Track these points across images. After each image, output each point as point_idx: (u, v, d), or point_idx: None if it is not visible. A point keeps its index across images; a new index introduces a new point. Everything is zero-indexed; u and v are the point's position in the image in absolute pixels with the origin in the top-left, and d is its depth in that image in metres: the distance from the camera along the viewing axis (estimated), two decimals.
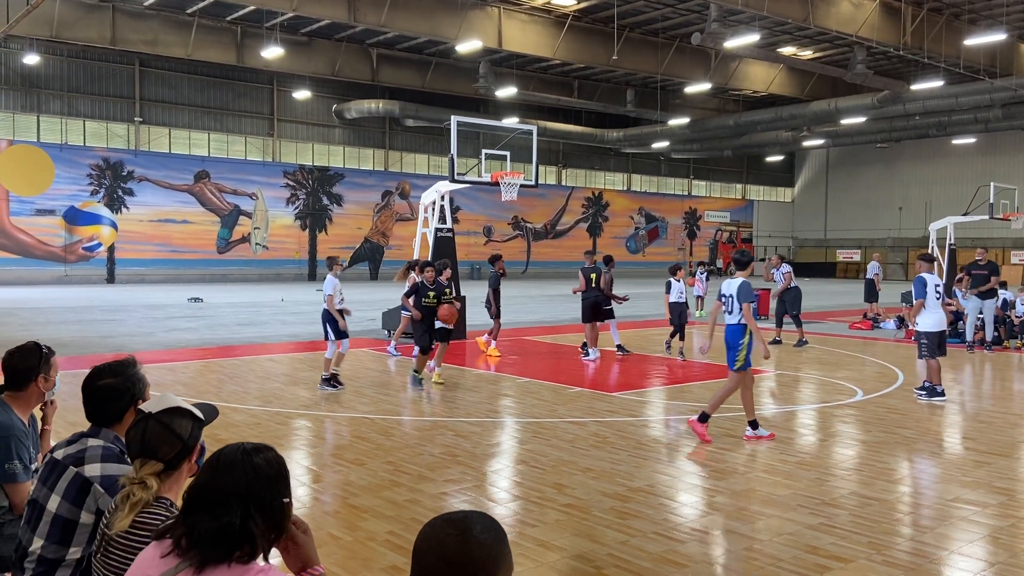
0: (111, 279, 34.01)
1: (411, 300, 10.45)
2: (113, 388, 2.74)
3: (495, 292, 13.54)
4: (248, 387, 10.04)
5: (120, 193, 34.34)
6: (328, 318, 10.17)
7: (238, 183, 37.40)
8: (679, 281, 13.23)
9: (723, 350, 7.87)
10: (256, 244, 38.14)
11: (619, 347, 13.51)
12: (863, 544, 4.83)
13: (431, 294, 10.34)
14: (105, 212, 33.95)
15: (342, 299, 10.37)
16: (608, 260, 13.82)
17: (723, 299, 7.79)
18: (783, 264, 15.82)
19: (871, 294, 20.01)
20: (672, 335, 13.24)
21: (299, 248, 39.30)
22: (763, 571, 4.43)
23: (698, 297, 21.86)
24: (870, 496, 5.84)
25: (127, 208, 34.49)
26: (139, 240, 34.66)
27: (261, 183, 38.03)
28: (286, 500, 1.90)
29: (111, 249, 34.16)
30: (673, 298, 13.13)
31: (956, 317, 16.12)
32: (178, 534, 1.81)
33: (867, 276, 20.91)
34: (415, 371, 10.29)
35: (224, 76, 36.39)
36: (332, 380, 9.98)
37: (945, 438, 7.88)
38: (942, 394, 9.59)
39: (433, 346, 10.44)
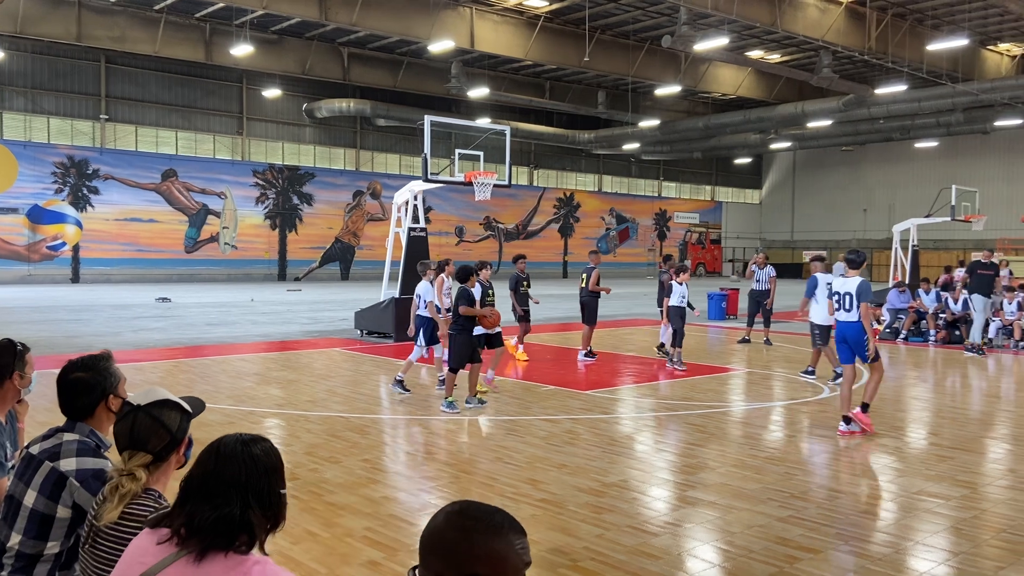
0: (76, 279, 33.44)
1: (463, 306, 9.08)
2: (84, 382, 2.73)
3: (515, 293, 12.82)
4: (220, 386, 9.97)
5: (85, 191, 33.77)
6: (424, 323, 9.93)
7: (206, 182, 36.98)
8: (682, 284, 12.44)
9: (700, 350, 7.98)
10: (225, 244, 37.74)
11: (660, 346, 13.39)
12: (831, 535, 4.95)
13: (492, 292, 9.44)
14: (70, 211, 33.38)
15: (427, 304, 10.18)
16: (667, 259, 13.55)
17: (835, 297, 8.02)
18: (768, 266, 15.69)
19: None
20: (675, 344, 12.14)
21: (269, 248, 38.96)
22: (735, 562, 4.53)
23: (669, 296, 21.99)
24: (837, 489, 5.98)
25: (92, 207, 33.92)
26: (104, 239, 34.11)
27: (230, 182, 37.63)
28: (282, 491, 1.92)
29: (76, 248, 33.59)
30: (674, 301, 12.26)
31: (919, 316, 16.49)
32: (177, 523, 1.82)
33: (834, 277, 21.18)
34: (449, 399, 8.80)
35: (192, 74, 35.94)
36: (402, 384, 9.77)
37: (909, 433, 8.08)
38: (813, 373, 11.25)
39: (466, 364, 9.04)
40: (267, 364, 12.11)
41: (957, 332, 15.98)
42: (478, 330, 9.35)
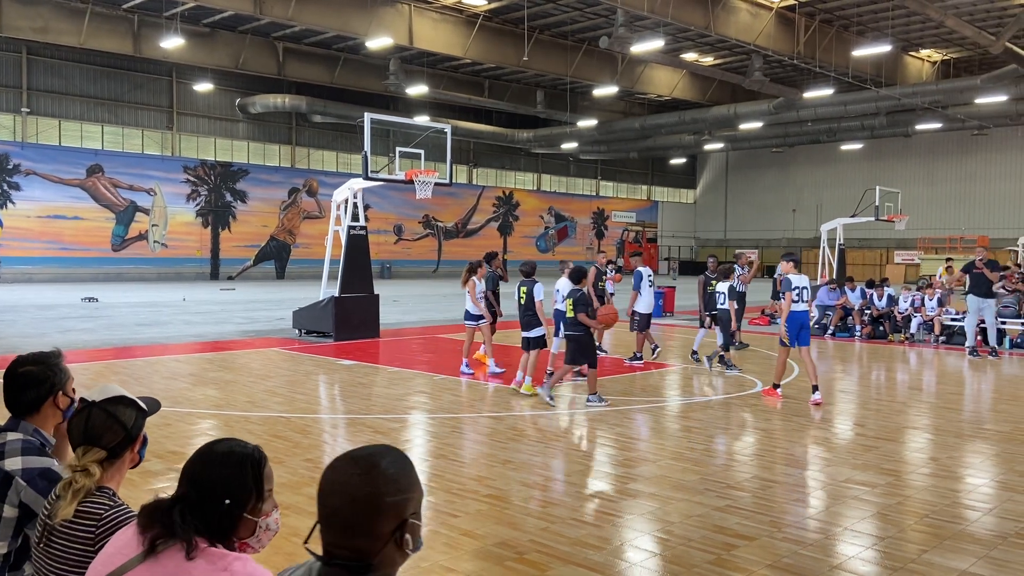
0: None
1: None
2: (33, 375, 2.68)
3: (494, 295, 12.04)
4: (154, 388, 9.74)
5: (5, 188, 32.40)
6: (560, 317, 10.02)
7: (134, 178, 35.87)
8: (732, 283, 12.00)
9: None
10: (154, 242, 36.69)
11: (693, 353, 12.73)
12: (765, 523, 5.14)
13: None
14: None
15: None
16: (728, 269, 12.29)
17: (796, 291, 9.70)
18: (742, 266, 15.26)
19: (778, 292, 20.16)
20: (727, 348, 11.84)
21: (201, 246, 38.03)
22: (675, 551, 4.68)
23: (610, 295, 22.32)
24: (770, 479, 6.20)
25: (13, 203, 32.55)
26: (26, 237, 32.77)
27: (160, 178, 36.58)
28: (269, 489, 1.93)
29: None
30: (725, 304, 11.89)
31: (846, 312, 17.12)
32: (160, 513, 1.83)
33: (776, 275, 21.25)
34: (597, 395, 9.01)
35: (119, 66, 34.82)
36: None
37: (837, 424, 8.41)
38: (641, 358, 12.31)
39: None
40: (203, 365, 11.86)
41: (881, 328, 16.65)
42: (534, 331, 9.77)
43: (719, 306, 11.99)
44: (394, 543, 1.54)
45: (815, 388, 9.31)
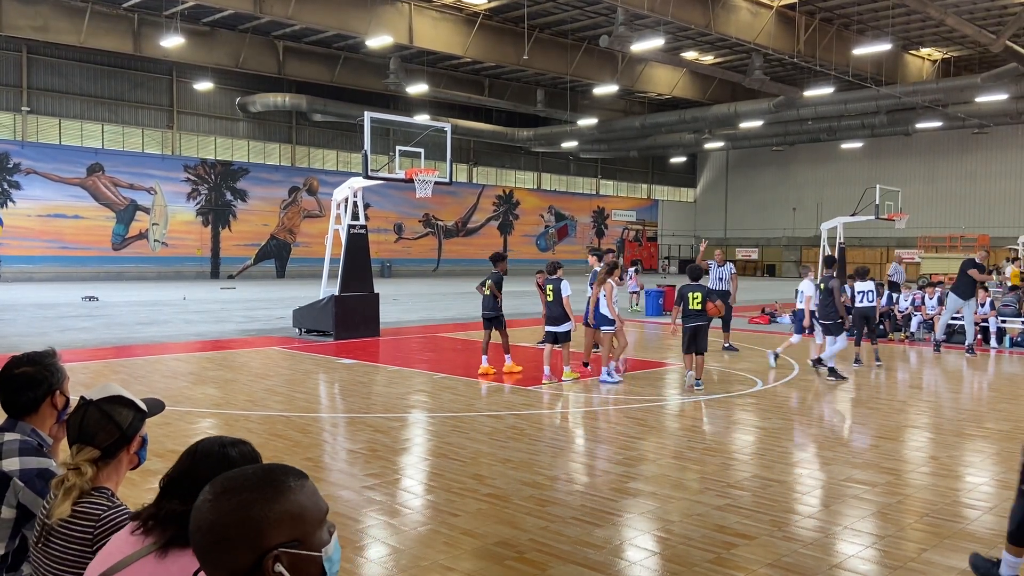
0: None
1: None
2: (29, 376, 2.67)
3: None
4: (154, 387, 9.74)
5: (6, 186, 32.42)
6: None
7: (135, 177, 35.87)
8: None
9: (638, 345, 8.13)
10: (155, 241, 36.70)
11: (823, 365, 11.29)
12: (765, 522, 5.14)
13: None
14: None
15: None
16: (830, 261, 12.06)
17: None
18: (728, 263, 14.71)
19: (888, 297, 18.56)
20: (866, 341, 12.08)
21: (201, 245, 38.04)
22: (675, 550, 4.67)
23: (633, 293, 22.63)
24: (771, 478, 6.20)
25: (13, 202, 32.57)
26: (26, 236, 32.79)
27: (160, 177, 36.58)
28: None
29: None
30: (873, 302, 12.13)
31: (848, 312, 17.07)
32: (147, 514, 1.83)
33: (890, 278, 19.17)
34: (699, 380, 9.94)
35: (119, 65, 34.82)
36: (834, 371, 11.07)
37: (837, 423, 8.41)
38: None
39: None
40: (202, 364, 11.86)
41: (881, 326, 16.61)
42: (564, 326, 10.41)
43: (859, 304, 12.48)
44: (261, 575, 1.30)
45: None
